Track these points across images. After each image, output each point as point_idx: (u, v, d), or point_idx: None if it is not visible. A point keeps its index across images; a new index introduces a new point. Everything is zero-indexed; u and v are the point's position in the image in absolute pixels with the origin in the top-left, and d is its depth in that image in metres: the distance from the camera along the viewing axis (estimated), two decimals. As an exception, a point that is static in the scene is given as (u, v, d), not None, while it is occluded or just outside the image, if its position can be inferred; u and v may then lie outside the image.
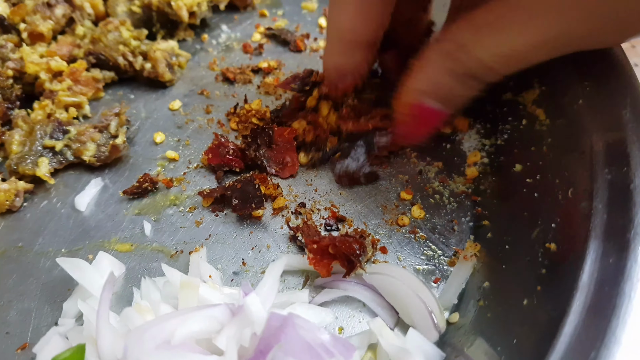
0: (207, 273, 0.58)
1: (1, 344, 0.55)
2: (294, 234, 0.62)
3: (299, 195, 0.67)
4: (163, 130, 0.75)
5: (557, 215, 0.54)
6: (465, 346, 0.53)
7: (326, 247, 0.58)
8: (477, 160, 0.69)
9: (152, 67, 0.80)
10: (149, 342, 0.44)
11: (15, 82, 0.75)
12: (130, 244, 0.63)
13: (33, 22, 0.79)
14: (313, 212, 0.65)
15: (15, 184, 0.66)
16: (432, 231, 0.64)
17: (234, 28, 0.92)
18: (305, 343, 0.46)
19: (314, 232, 0.62)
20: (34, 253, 0.62)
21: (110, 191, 0.68)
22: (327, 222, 0.64)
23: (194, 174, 0.70)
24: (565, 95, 0.60)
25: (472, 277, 0.59)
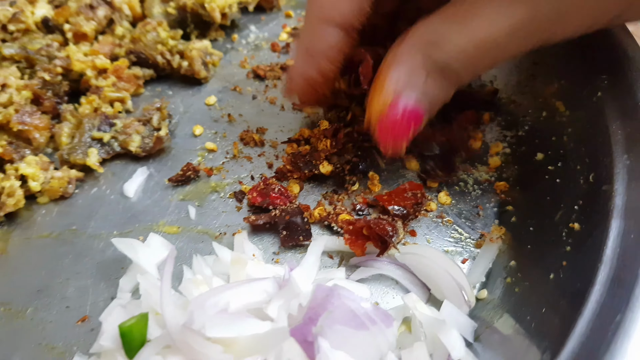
0: (251, 252, 0.62)
1: (62, 317, 0.60)
2: (329, 223, 0.66)
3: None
4: (201, 124, 0.80)
5: (579, 197, 0.58)
6: (494, 320, 0.57)
7: (360, 229, 0.62)
8: (499, 151, 0.73)
9: (189, 65, 0.84)
10: (210, 308, 0.49)
11: (63, 79, 0.80)
12: (177, 227, 0.67)
13: (77, 23, 0.84)
14: (344, 199, 0.70)
15: (68, 172, 0.70)
16: (458, 216, 0.68)
17: (262, 28, 0.97)
18: (350, 311, 0.50)
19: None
20: (87, 235, 0.67)
21: (155, 179, 0.73)
22: (359, 208, 0.68)
23: (232, 163, 0.75)
24: (584, 89, 0.64)
25: (498, 257, 0.63)
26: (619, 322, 0.43)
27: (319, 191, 0.71)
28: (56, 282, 0.63)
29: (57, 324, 0.59)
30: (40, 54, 0.80)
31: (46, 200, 0.70)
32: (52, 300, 0.61)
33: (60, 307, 0.61)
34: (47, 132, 0.76)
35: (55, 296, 0.62)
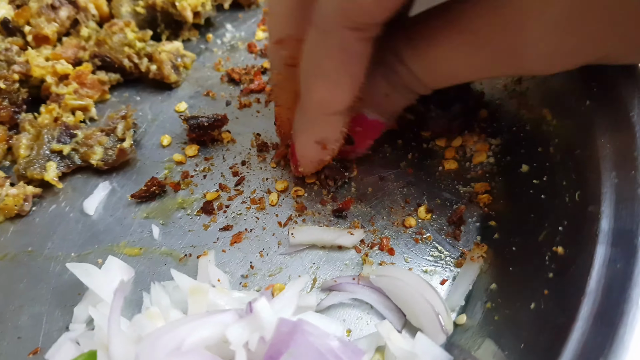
0: (215, 277, 0.59)
1: (13, 348, 0.56)
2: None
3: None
4: (170, 133, 0.75)
5: (564, 217, 0.54)
6: (472, 348, 0.53)
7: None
8: (484, 160, 0.69)
9: (158, 69, 0.80)
10: (160, 349, 0.45)
11: (22, 86, 0.75)
12: (139, 248, 0.63)
13: (38, 25, 0.79)
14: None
15: (24, 188, 0.66)
16: (438, 232, 0.64)
17: (239, 27, 0.92)
18: (315, 349, 0.46)
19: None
20: (43, 257, 0.63)
21: (118, 195, 0.69)
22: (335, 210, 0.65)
23: (201, 177, 0.70)
24: (573, 96, 0.60)
25: (480, 278, 0.60)
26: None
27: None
28: (9, 309, 0.59)
29: (8, 357, 0.56)
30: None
31: (1, 219, 0.66)
32: (4, 329, 0.58)
33: (12, 337, 0.57)
34: (4, 145, 0.71)
35: (7, 325, 0.58)
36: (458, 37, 0.51)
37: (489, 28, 0.50)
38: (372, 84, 0.55)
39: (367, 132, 0.63)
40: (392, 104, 0.60)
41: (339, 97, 0.53)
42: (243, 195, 0.68)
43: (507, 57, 0.51)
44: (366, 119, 0.60)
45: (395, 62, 0.55)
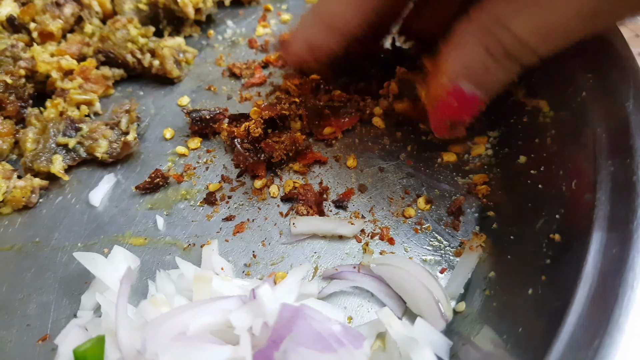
0: (219, 265, 0.60)
1: (22, 335, 0.57)
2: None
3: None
4: (172, 126, 0.77)
5: (560, 206, 0.55)
6: (471, 334, 0.54)
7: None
8: (482, 152, 0.70)
9: (160, 64, 0.81)
10: (165, 334, 0.46)
11: (27, 81, 0.77)
12: (144, 238, 0.65)
13: (43, 22, 0.80)
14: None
15: (31, 181, 0.68)
16: (437, 222, 0.65)
17: (239, 23, 0.93)
18: (317, 333, 0.48)
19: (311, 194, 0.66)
20: (50, 248, 0.64)
21: (122, 187, 0.70)
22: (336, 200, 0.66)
23: (203, 168, 0.71)
24: (569, 87, 0.61)
25: (478, 267, 0.61)
26: (597, 348, 0.40)
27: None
28: (17, 298, 0.60)
29: (17, 344, 0.57)
30: (5, 55, 0.77)
31: (9, 210, 0.68)
32: (13, 318, 0.59)
33: (20, 325, 0.58)
34: (11, 138, 0.73)
35: (15, 314, 0.59)
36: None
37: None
38: (468, 53, 0.53)
39: (464, 107, 0.58)
40: (491, 78, 0.55)
41: (344, 14, 0.56)
42: (245, 186, 0.69)
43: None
44: (463, 93, 0.56)
45: (496, 27, 0.51)
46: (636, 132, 0.52)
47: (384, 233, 0.64)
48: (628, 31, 0.90)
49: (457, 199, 0.66)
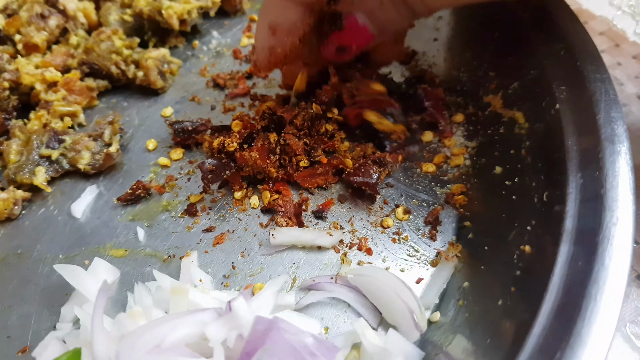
0: (197, 277, 0.61)
1: (3, 347, 0.58)
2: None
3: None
4: (155, 137, 0.77)
5: (532, 217, 0.56)
6: (444, 344, 0.55)
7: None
8: (460, 163, 0.71)
9: (145, 75, 0.82)
10: (141, 347, 0.47)
11: (12, 93, 0.77)
12: (125, 250, 0.65)
13: (28, 34, 0.81)
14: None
15: (14, 192, 0.68)
16: (415, 232, 0.66)
17: (224, 34, 0.94)
18: (290, 346, 0.48)
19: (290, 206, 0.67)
20: (32, 259, 0.65)
21: (105, 198, 0.71)
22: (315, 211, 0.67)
23: (185, 179, 0.72)
24: (544, 99, 0.62)
25: (454, 277, 0.61)
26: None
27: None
28: (-1, 309, 0.61)
29: (-2, 355, 0.58)
30: (-11, 67, 0.78)
31: (-9, 222, 0.68)
32: (-6, 329, 0.60)
33: (1, 336, 0.59)
34: (-5, 150, 0.73)
35: (-3, 325, 0.60)
36: None
37: None
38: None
39: (354, 36, 0.62)
40: (385, 16, 0.59)
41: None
42: (226, 197, 0.70)
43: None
44: (356, 22, 0.61)
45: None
46: (605, 145, 0.53)
47: (362, 243, 0.65)
48: (608, 41, 0.91)
49: (434, 209, 0.67)
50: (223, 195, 0.70)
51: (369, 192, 0.68)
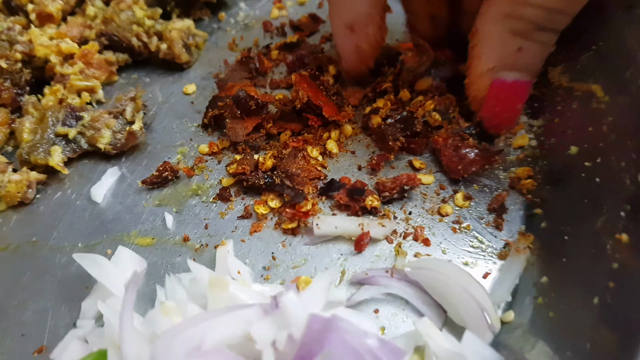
0: (235, 269, 0.53)
1: (17, 346, 0.51)
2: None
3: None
4: (181, 116, 0.70)
5: (625, 202, 0.48)
6: (525, 349, 0.47)
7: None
8: (525, 144, 0.63)
9: (168, 48, 0.74)
10: (178, 349, 0.40)
11: (25, 67, 0.70)
12: (152, 238, 0.58)
13: (41, 2, 0.74)
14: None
15: (27, 174, 0.61)
16: (478, 221, 0.58)
17: (253, 5, 0.86)
18: (352, 349, 0.41)
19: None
20: (49, 248, 0.58)
21: (128, 181, 0.64)
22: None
23: (215, 162, 0.65)
24: (628, 69, 0.54)
25: (527, 271, 0.54)
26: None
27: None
28: (12, 304, 0.54)
29: (10, 356, 0.51)
30: (0, 39, 0.71)
31: (3, 207, 0.61)
32: (7, 326, 0.53)
33: (15, 334, 0.52)
34: (6, 128, 0.67)
35: (10, 321, 0.53)
36: None
37: None
38: (497, 43, 0.53)
39: (512, 97, 0.58)
40: (530, 57, 0.55)
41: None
42: (263, 180, 0.62)
43: None
44: (506, 83, 0.56)
45: (516, 7, 0.50)
46: None
47: (418, 233, 0.57)
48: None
49: (499, 195, 0.59)
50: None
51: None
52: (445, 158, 0.61)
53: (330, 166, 0.64)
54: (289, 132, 0.65)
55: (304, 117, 0.64)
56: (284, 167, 0.59)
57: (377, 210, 0.59)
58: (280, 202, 0.60)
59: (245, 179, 0.61)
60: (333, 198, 0.60)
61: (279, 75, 0.75)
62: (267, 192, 0.61)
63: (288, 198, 0.59)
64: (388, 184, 0.59)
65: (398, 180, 0.59)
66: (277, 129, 0.66)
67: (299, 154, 0.62)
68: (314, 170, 0.62)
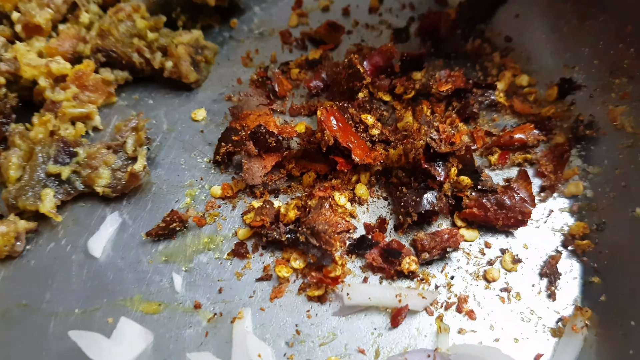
0: (255, 351, 0.47)
1: None
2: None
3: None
4: (190, 148, 0.62)
5: None
6: None
7: None
8: (578, 193, 0.56)
9: (174, 66, 0.66)
10: None
11: (10, 89, 0.62)
12: (158, 304, 0.51)
13: (28, 12, 0.64)
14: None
15: (15, 224, 0.54)
16: (529, 288, 0.51)
17: (269, 9, 0.76)
18: None
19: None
20: (41, 314, 0.51)
21: (130, 230, 0.56)
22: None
23: (230, 207, 0.57)
24: None
25: (584, 353, 0.48)
26: None
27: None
28: (0, 383, 0.48)
29: None
30: (-19, 55, 0.62)
31: (-12, 262, 0.54)
32: (-5, 411, 0.47)
33: (4, 422, 0.46)
34: (-10, 164, 0.59)
35: (-2, 406, 0.47)
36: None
37: None
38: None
39: None
40: None
41: None
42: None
43: None
44: None
45: None
46: None
47: (461, 304, 0.51)
48: None
49: (552, 258, 0.52)
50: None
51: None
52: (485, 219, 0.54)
53: (360, 215, 0.57)
54: (313, 174, 0.58)
55: (331, 158, 0.56)
56: (309, 222, 0.52)
57: (414, 275, 0.52)
58: (305, 262, 0.53)
59: (264, 234, 0.53)
60: (364, 257, 0.53)
61: (300, 98, 0.66)
62: (289, 248, 0.54)
63: (314, 259, 0.52)
64: (427, 241, 0.52)
65: (438, 237, 0.52)
66: (299, 169, 0.58)
67: (325, 203, 0.54)
68: (343, 222, 0.54)
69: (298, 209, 0.54)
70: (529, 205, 0.53)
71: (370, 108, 0.61)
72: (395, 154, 0.56)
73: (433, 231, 0.54)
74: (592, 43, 0.60)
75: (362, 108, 0.61)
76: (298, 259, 0.53)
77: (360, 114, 0.60)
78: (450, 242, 0.52)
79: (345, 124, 0.58)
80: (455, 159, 0.54)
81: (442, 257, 0.53)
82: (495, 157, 0.59)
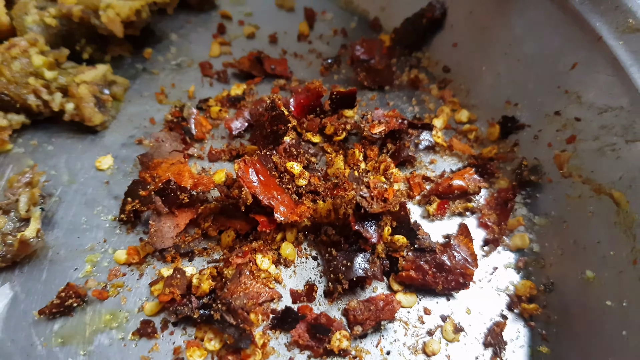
0: None
1: None
2: None
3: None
4: (93, 203, 0.55)
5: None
6: None
7: None
8: (524, 246, 0.51)
9: (76, 108, 0.58)
10: None
11: None
12: (50, 400, 0.44)
13: None
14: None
15: None
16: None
17: (187, 37, 0.70)
18: None
19: None
20: None
21: (22, 307, 0.48)
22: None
23: (136, 275, 0.50)
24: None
25: None
26: None
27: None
28: None
29: None
30: None
31: None
32: None
33: None
34: None
35: None
36: None
37: None
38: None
39: None
40: None
41: None
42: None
43: None
44: None
45: None
46: None
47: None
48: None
49: (496, 325, 0.48)
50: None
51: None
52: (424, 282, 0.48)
53: (286, 279, 0.50)
54: (232, 232, 0.51)
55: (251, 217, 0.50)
56: (225, 295, 0.46)
57: (346, 352, 0.46)
58: (221, 342, 0.46)
59: (174, 310, 0.47)
60: (289, 332, 0.47)
61: (220, 140, 0.60)
62: (203, 325, 0.47)
63: (231, 340, 0.45)
64: (360, 311, 0.47)
65: (373, 305, 0.47)
66: (217, 228, 0.52)
67: (244, 269, 0.48)
68: (265, 290, 0.48)
69: (213, 278, 0.48)
70: (471, 266, 0.49)
71: (297, 153, 0.55)
72: (325, 209, 0.50)
73: (367, 297, 0.48)
74: (535, 78, 0.55)
75: (288, 153, 0.55)
76: (213, 339, 0.46)
77: (285, 161, 0.54)
78: (386, 312, 0.47)
79: (267, 177, 0.51)
80: (388, 217, 0.49)
81: (377, 328, 0.47)
82: (434, 207, 0.54)
